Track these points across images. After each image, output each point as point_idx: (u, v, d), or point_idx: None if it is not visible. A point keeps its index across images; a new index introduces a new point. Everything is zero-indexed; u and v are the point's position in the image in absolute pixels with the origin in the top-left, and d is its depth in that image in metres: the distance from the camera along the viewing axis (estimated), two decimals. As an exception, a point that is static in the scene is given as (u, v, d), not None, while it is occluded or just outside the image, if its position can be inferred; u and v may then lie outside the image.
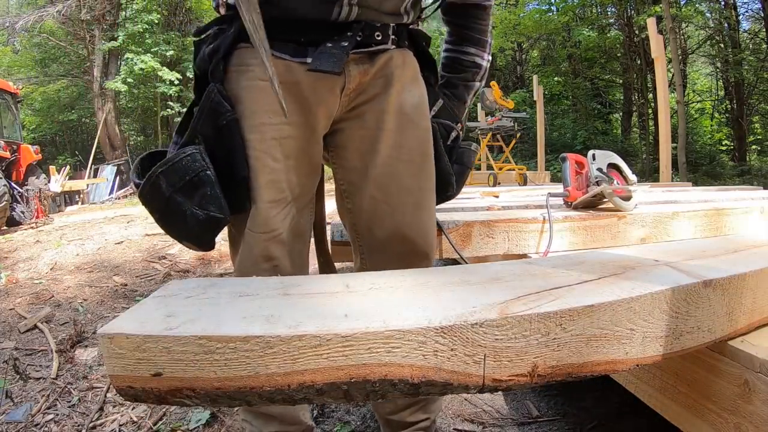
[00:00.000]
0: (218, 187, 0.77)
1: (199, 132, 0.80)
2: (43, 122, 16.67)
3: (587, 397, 1.52)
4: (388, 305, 0.52)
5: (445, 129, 1.01)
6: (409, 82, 0.92)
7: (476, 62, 1.04)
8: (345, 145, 0.92)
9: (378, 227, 0.94)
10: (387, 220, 0.92)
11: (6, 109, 7.67)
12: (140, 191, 0.79)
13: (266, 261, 0.84)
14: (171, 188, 0.75)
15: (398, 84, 0.90)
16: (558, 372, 0.52)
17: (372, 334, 0.46)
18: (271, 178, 0.82)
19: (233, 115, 0.79)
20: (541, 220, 1.27)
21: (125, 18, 14.57)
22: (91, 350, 2.06)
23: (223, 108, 0.78)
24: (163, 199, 0.77)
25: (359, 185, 0.92)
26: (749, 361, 0.66)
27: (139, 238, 4.45)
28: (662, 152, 4.50)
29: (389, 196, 0.91)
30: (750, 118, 12.52)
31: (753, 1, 12.79)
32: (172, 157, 0.76)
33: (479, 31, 1.03)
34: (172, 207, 0.76)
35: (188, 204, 0.76)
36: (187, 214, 0.76)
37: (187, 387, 0.46)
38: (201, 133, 0.80)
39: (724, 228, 1.49)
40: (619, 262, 0.71)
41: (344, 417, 1.49)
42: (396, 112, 0.90)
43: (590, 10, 14.09)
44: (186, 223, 0.77)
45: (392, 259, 0.94)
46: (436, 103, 1.00)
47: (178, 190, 0.76)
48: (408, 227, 0.92)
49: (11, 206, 6.42)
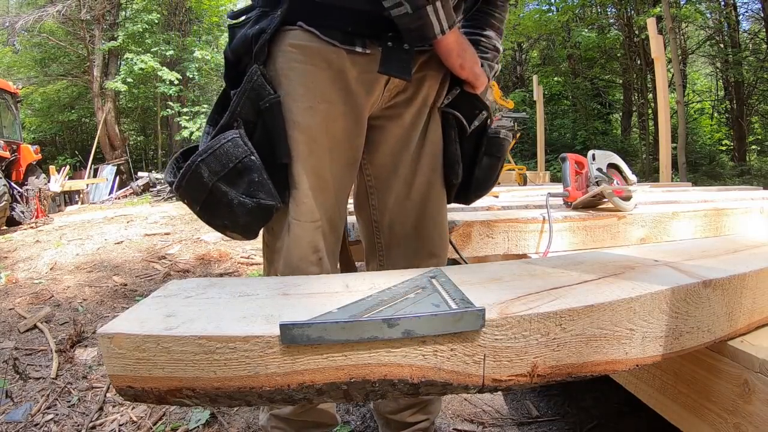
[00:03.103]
0: (266, 173, 0.74)
1: (238, 115, 0.76)
2: (43, 122, 16.66)
3: (587, 397, 1.52)
4: (387, 305, 0.52)
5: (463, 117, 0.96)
6: (443, 83, 0.92)
7: (496, 46, 1.02)
8: (380, 141, 0.92)
9: (400, 224, 0.94)
10: (410, 218, 0.93)
11: (6, 109, 7.66)
12: (177, 184, 0.75)
13: (314, 253, 0.81)
14: (214, 177, 0.72)
15: (434, 83, 0.90)
16: (558, 372, 0.52)
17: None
18: (314, 164, 0.79)
19: (276, 98, 0.76)
20: (541, 220, 1.27)
21: (125, 18, 14.56)
22: (91, 350, 2.06)
23: (266, 91, 0.75)
24: (205, 189, 0.73)
25: (387, 182, 0.93)
26: (749, 361, 0.66)
27: (138, 238, 4.45)
28: (662, 152, 4.50)
29: (414, 192, 0.91)
30: (750, 118, 12.51)
31: (753, 1, 12.80)
32: (212, 144, 0.73)
33: (499, 20, 1.03)
34: (217, 196, 0.73)
35: (234, 192, 0.72)
36: (234, 203, 0.73)
37: (187, 387, 0.46)
38: (241, 117, 0.76)
39: (724, 228, 1.49)
40: (619, 262, 0.71)
41: (344, 417, 1.49)
42: (429, 109, 0.91)
43: (590, 10, 14.09)
44: (233, 212, 0.73)
45: (408, 255, 0.95)
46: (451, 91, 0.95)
47: (221, 179, 0.72)
48: (429, 224, 0.93)
49: (11, 206, 6.42)
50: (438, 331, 0.47)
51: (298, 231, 0.79)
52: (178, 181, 0.75)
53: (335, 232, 0.88)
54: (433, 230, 0.94)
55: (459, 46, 0.84)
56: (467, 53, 0.86)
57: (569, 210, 1.46)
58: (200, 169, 0.72)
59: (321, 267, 0.82)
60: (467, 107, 0.95)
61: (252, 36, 0.78)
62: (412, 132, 0.90)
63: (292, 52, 0.78)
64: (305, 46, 0.78)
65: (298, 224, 0.79)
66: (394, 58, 0.79)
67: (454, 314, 0.47)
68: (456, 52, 0.83)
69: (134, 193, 11.31)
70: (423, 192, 0.92)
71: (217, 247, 3.86)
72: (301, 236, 0.79)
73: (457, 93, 0.93)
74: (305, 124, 0.78)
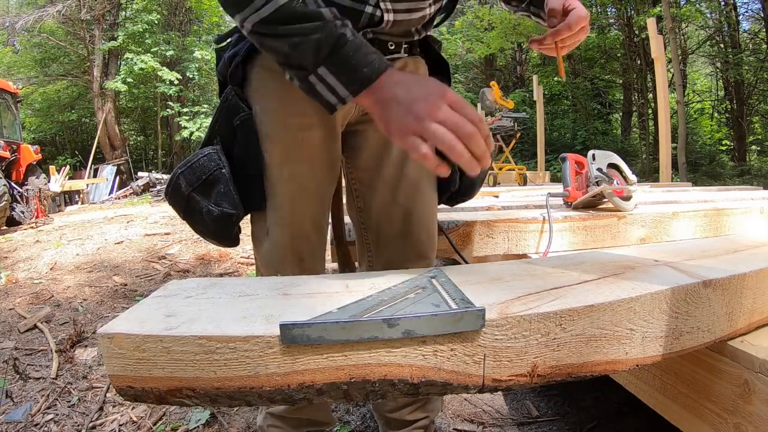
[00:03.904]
0: (232, 184, 0.79)
1: (217, 132, 0.84)
2: (43, 122, 16.65)
3: (587, 397, 1.52)
4: (388, 305, 0.52)
5: None
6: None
7: None
8: (360, 146, 0.95)
9: (387, 226, 0.96)
10: (396, 221, 0.94)
11: (6, 109, 7.66)
12: (165, 192, 0.84)
13: (293, 254, 0.85)
14: (190, 187, 0.80)
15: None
16: (558, 372, 0.52)
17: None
18: (292, 171, 0.83)
19: (248, 115, 0.81)
20: (541, 220, 1.27)
21: (125, 18, 14.56)
22: (91, 350, 2.06)
23: (240, 108, 0.81)
24: (184, 199, 0.81)
25: (371, 185, 0.95)
26: (749, 361, 0.66)
27: (138, 238, 4.45)
28: (662, 152, 4.50)
29: (399, 194, 0.93)
30: (750, 118, 12.52)
31: (753, 1, 12.81)
32: (191, 158, 0.81)
33: None
34: (191, 205, 0.81)
35: (205, 202, 0.79)
36: (204, 212, 0.79)
37: (187, 387, 0.46)
38: (219, 134, 0.84)
39: (724, 228, 1.49)
40: (619, 262, 0.71)
41: (344, 417, 1.49)
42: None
43: (590, 10, 14.10)
44: (204, 220, 0.80)
45: (397, 256, 0.96)
46: None
47: (195, 189, 0.80)
48: (415, 225, 0.95)
49: (11, 206, 6.42)
50: (438, 331, 0.47)
51: (276, 235, 0.84)
52: (165, 190, 0.84)
53: (320, 234, 0.91)
54: (421, 233, 0.96)
55: (380, 108, 0.64)
56: (392, 112, 0.62)
57: (569, 210, 1.46)
58: (179, 181, 0.80)
59: (302, 268, 0.85)
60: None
61: (227, 59, 0.84)
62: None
63: (264, 71, 0.83)
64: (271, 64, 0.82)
65: (276, 229, 0.83)
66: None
67: (455, 314, 0.47)
68: (377, 114, 0.65)
69: (134, 193, 11.31)
70: (410, 195, 0.94)
71: (217, 247, 3.86)
72: (279, 240, 0.83)
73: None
74: (278, 136, 0.82)
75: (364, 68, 0.63)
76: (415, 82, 0.64)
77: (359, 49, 0.63)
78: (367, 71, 0.63)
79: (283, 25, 0.62)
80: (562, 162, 1.55)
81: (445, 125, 0.59)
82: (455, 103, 0.61)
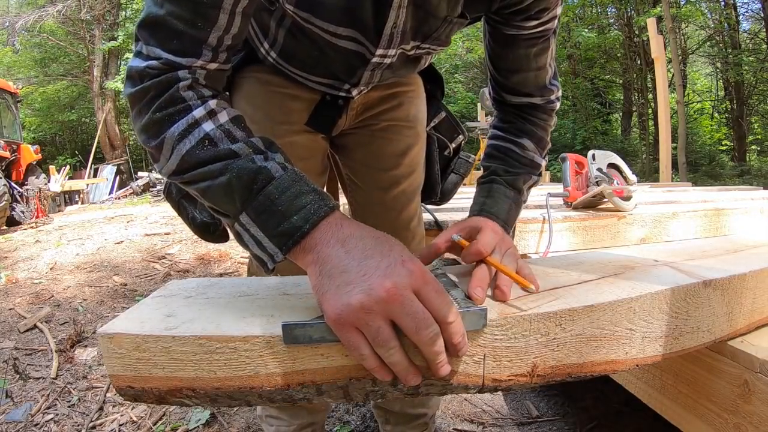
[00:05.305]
0: None
1: None
2: (43, 122, 16.65)
3: (587, 397, 1.52)
4: (388, 305, 0.52)
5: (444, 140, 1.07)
6: (413, 98, 0.97)
7: (533, 160, 0.83)
8: (352, 147, 0.97)
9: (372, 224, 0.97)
10: (381, 218, 0.97)
11: (6, 108, 7.66)
12: (163, 194, 0.91)
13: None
14: (179, 194, 0.86)
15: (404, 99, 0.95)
16: (557, 372, 0.52)
17: (372, 334, 0.46)
18: None
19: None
20: (541, 220, 1.27)
21: (125, 18, 14.56)
22: (91, 350, 2.06)
23: None
24: (175, 203, 0.88)
25: (360, 183, 0.98)
26: (749, 361, 0.66)
27: (138, 238, 4.45)
28: (662, 152, 4.50)
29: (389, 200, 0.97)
30: (750, 118, 12.52)
31: (753, 1, 12.81)
32: None
33: (541, 127, 0.85)
34: (181, 209, 0.87)
35: (191, 208, 0.85)
36: (190, 217, 0.86)
37: (187, 387, 0.46)
38: None
39: (724, 228, 1.49)
40: (619, 262, 0.71)
41: (344, 417, 1.49)
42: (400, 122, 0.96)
43: (590, 10, 14.09)
44: (192, 223, 0.86)
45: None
46: (437, 115, 1.04)
47: (183, 197, 0.86)
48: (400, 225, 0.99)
49: (11, 206, 6.42)
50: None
51: None
52: (163, 192, 0.90)
53: None
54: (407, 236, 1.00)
55: (315, 274, 0.47)
56: (329, 285, 0.45)
57: (569, 210, 1.46)
58: (171, 187, 0.86)
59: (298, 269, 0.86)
60: (448, 130, 1.06)
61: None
62: (383, 141, 0.95)
63: (252, 80, 0.86)
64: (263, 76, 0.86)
65: None
66: (320, 114, 0.87)
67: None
68: (311, 281, 0.47)
69: (134, 193, 11.31)
70: (401, 202, 0.97)
71: (217, 247, 3.86)
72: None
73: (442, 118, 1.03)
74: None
75: (293, 216, 0.47)
76: (372, 243, 0.46)
77: (288, 189, 0.48)
78: (297, 220, 0.47)
79: (189, 172, 0.52)
80: (562, 162, 1.55)
81: (402, 325, 0.42)
82: (424, 286, 0.43)
